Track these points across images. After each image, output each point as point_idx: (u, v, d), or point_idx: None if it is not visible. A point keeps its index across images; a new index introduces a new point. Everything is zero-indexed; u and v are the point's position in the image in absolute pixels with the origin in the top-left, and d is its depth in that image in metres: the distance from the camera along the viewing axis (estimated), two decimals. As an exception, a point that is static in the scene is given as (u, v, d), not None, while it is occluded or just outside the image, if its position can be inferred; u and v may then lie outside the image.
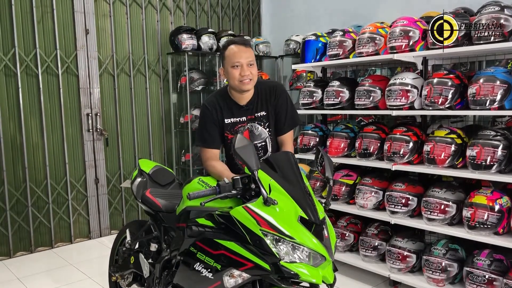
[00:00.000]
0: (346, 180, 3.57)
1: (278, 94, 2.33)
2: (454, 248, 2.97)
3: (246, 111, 2.31)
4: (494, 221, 2.71)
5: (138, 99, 4.94)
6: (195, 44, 4.85)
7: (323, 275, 1.71)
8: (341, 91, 3.54)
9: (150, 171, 2.80)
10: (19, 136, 4.15)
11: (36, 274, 3.77)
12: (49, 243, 4.40)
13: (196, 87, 5.03)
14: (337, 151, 3.56)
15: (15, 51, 4.06)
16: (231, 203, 1.89)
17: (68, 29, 4.37)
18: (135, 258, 2.64)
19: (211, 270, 1.83)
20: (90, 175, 4.60)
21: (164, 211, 2.41)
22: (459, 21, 2.90)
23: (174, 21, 5.15)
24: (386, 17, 3.77)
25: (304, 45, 3.97)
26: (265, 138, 2.34)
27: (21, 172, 4.19)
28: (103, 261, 3.68)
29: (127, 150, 4.90)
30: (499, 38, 2.71)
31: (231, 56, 2.20)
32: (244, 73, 2.18)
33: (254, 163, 1.73)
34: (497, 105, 2.70)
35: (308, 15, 5.21)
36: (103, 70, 4.63)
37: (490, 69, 2.80)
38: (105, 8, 4.62)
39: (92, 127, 4.55)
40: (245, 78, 2.18)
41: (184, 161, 5.19)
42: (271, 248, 1.67)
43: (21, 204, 4.21)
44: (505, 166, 2.74)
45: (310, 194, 1.85)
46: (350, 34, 3.61)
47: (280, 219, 1.70)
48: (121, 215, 4.90)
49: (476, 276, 2.76)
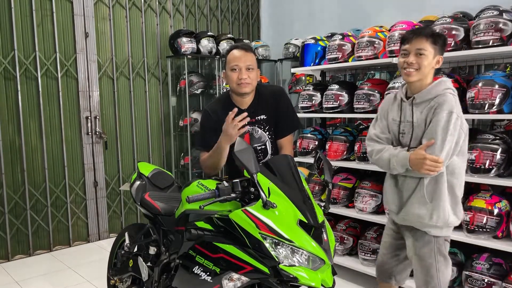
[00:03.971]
0: (345, 184, 3.57)
1: (279, 97, 2.36)
2: (453, 252, 2.97)
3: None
4: (493, 225, 2.71)
5: (138, 102, 4.94)
6: (195, 47, 4.86)
7: (322, 279, 1.71)
8: (340, 94, 3.55)
9: (149, 174, 2.80)
10: (18, 139, 4.15)
11: (35, 278, 3.76)
12: (48, 246, 4.39)
13: (195, 90, 5.04)
14: (336, 154, 3.56)
15: (15, 54, 4.06)
16: (230, 207, 1.89)
17: (67, 32, 4.37)
18: (134, 261, 2.63)
19: (210, 274, 1.82)
20: (89, 178, 4.59)
21: (163, 214, 2.41)
22: (458, 25, 2.91)
23: (173, 25, 5.16)
24: (385, 21, 3.78)
25: (303, 49, 3.98)
26: (265, 141, 2.35)
27: (20, 175, 4.19)
28: (102, 264, 3.67)
29: (126, 153, 4.90)
30: (498, 42, 2.72)
31: (231, 60, 2.27)
32: (242, 76, 2.22)
33: (253, 166, 1.73)
34: (496, 109, 2.71)
35: (307, 18, 5.22)
36: (102, 73, 4.64)
37: (488, 73, 2.81)
38: (104, 11, 4.63)
39: (91, 130, 4.54)
40: (242, 81, 2.22)
41: (183, 164, 5.19)
42: (270, 252, 1.67)
43: (20, 207, 4.20)
44: (504, 170, 2.75)
45: (309, 197, 1.85)
46: (349, 37, 3.62)
47: (279, 222, 1.69)
48: (120, 218, 4.90)
49: (475, 280, 2.76)
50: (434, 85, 2.09)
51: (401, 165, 2.08)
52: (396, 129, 2.19)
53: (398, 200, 2.25)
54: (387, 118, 2.25)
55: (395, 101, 2.24)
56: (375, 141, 2.26)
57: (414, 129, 2.10)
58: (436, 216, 2.11)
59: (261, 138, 2.35)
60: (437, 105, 2.02)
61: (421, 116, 2.08)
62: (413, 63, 2.05)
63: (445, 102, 2.01)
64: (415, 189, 2.14)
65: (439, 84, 2.09)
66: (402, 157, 2.07)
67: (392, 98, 2.28)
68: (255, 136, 2.35)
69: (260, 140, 2.36)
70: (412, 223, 2.20)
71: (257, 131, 2.35)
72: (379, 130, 2.28)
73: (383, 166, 2.20)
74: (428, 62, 2.05)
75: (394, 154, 2.10)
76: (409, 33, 2.12)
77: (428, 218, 2.11)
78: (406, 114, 2.13)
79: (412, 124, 2.11)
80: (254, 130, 2.35)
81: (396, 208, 2.26)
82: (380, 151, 2.18)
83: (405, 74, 2.09)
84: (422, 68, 2.05)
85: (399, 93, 2.23)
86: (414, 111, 2.10)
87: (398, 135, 2.19)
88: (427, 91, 2.09)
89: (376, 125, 2.30)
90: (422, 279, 2.21)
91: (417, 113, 2.10)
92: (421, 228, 2.18)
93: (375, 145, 2.24)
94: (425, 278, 2.20)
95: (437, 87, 2.08)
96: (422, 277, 2.21)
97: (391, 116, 2.23)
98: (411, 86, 2.15)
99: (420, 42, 2.04)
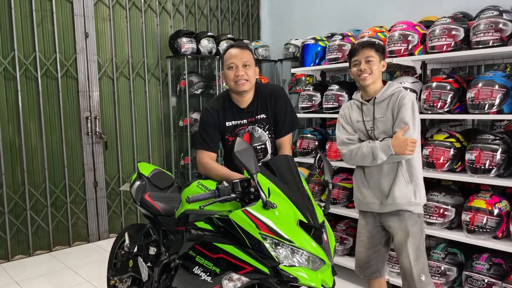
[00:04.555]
0: (345, 184, 3.57)
1: (278, 97, 2.35)
2: (453, 252, 2.97)
3: (247, 113, 2.32)
4: (493, 225, 2.71)
5: (138, 103, 4.94)
6: (195, 47, 4.86)
7: (322, 279, 1.71)
8: (340, 94, 3.55)
9: (149, 174, 2.80)
10: (18, 139, 4.15)
11: (34, 278, 3.76)
12: (48, 246, 4.39)
13: (195, 90, 5.04)
14: (336, 154, 3.56)
15: (15, 54, 4.06)
16: (230, 207, 1.89)
17: (67, 33, 4.38)
18: (134, 261, 2.63)
19: (210, 274, 1.82)
20: (89, 179, 4.59)
21: (163, 214, 2.41)
22: (458, 25, 2.91)
23: (173, 25, 5.16)
24: (385, 21, 3.78)
25: (303, 49, 3.98)
26: (265, 141, 2.35)
27: (20, 175, 4.19)
28: (102, 264, 3.66)
29: (126, 153, 4.90)
30: (498, 43, 2.72)
31: (227, 58, 2.26)
32: (238, 73, 2.21)
33: (253, 166, 1.73)
34: (496, 109, 2.71)
35: (307, 19, 5.22)
36: (102, 73, 4.64)
37: (488, 73, 2.81)
38: (104, 11, 4.63)
39: (91, 131, 4.54)
40: (239, 79, 2.21)
41: (183, 164, 5.19)
42: (270, 252, 1.67)
43: (20, 207, 4.20)
44: (504, 170, 2.75)
45: (309, 197, 1.85)
46: (349, 38, 3.62)
47: (279, 222, 1.69)
48: (120, 218, 4.90)
49: (475, 280, 2.76)
50: (387, 87, 2.44)
51: (383, 152, 2.32)
52: (363, 127, 2.48)
53: (380, 193, 2.44)
54: (351, 122, 2.54)
55: (353, 106, 2.56)
56: (349, 144, 2.50)
57: (378, 124, 2.42)
58: (418, 195, 2.40)
59: (261, 138, 2.35)
60: (400, 97, 2.36)
61: (386, 111, 2.40)
62: (366, 69, 2.38)
63: (406, 95, 2.37)
64: (396, 174, 2.39)
65: (390, 85, 2.44)
66: (384, 145, 2.32)
67: (349, 105, 2.59)
68: (255, 136, 2.34)
69: (260, 139, 2.35)
70: (400, 206, 2.39)
71: (257, 130, 2.34)
72: (347, 134, 2.54)
73: (365, 160, 2.41)
74: (376, 66, 2.40)
75: (374, 146, 2.36)
76: (355, 47, 2.46)
77: (413, 197, 2.39)
78: (369, 113, 2.45)
79: (374, 120, 2.43)
80: (254, 130, 2.34)
81: (379, 201, 2.45)
82: (358, 148, 2.43)
83: (361, 79, 2.41)
84: (373, 71, 2.38)
85: (356, 98, 2.55)
86: (376, 109, 2.43)
87: (367, 132, 2.47)
88: (384, 91, 2.42)
89: (343, 131, 2.57)
90: (414, 255, 2.40)
91: (379, 110, 2.42)
92: (407, 208, 2.39)
93: (350, 146, 2.48)
94: (416, 253, 2.41)
95: (390, 88, 2.43)
96: (413, 254, 2.40)
97: (354, 119, 2.53)
98: (368, 90, 2.45)
99: (366, 51, 2.39)
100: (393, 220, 2.44)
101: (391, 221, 2.46)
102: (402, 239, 2.42)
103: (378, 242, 2.58)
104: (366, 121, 2.46)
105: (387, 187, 2.41)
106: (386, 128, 2.39)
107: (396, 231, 2.45)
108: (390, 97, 2.40)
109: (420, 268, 2.40)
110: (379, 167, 2.42)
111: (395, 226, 2.44)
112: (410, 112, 2.32)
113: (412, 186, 2.39)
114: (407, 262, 2.41)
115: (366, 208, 2.54)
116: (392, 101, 2.38)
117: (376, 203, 2.46)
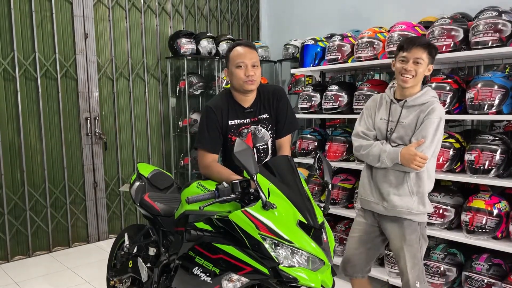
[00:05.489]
0: (344, 184, 3.57)
1: (279, 97, 2.34)
2: (453, 253, 2.97)
3: (250, 113, 2.30)
4: (493, 226, 2.71)
5: (137, 103, 4.94)
6: (194, 48, 4.86)
7: (322, 280, 1.71)
8: (339, 95, 3.55)
9: (148, 175, 2.80)
10: (17, 140, 4.15)
11: (34, 279, 3.76)
12: (47, 247, 4.39)
13: (195, 91, 5.04)
14: (335, 155, 3.57)
15: (14, 55, 4.06)
16: (230, 207, 1.89)
17: (67, 33, 4.37)
18: (134, 262, 2.63)
19: (209, 275, 1.82)
20: (89, 179, 4.59)
21: (162, 215, 2.41)
22: (457, 26, 2.91)
23: (173, 26, 5.16)
24: (385, 22, 3.78)
25: (303, 50, 3.98)
26: (268, 140, 2.34)
27: (19, 176, 4.18)
28: (101, 265, 3.67)
29: (125, 154, 4.90)
30: (497, 43, 2.72)
31: (235, 56, 2.21)
32: (249, 73, 2.18)
33: (253, 167, 1.73)
34: (495, 109, 2.71)
35: (306, 19, 5.23)
36: (102, 74, 4.64)
37: (488, 74, 2.82)
38: (104, 12, 4.63)
39: (91, 131, 4.54)
40: (249, 78, 2.18)
41: (182, 165, 5.19)
42: (270, 252, 1.67)
43: (19, 208, 4.20)
44: (503, 171, 2.75)
45: (309, 198, 1.85)
46: (348, 38, 3.62)
47: (279, 223, 1.69)
48: (119, 219, 4.89)
49: (474, 281, 2.76)
50: (423, 93, 2.33)
51: (390, 159, 2.28)
52: (384, 127, 2.40)
53: (380, 196, 2.41)
54: (374, 117, 2.46)
55: (382, 102, 2.46)
56: (362, 138, 2.45)
57: (399, 128, 2.33)
58: (422, 206, 2.35)
59: (264, 137, 2.33)
60: (430, 110, 2.26)
61: (412, 118, 2.30)
62: (411, 70, 2.25)
63: (436, 109, 2.27)
64: (401, 183, 2.34)
65: (427, 92, 2.34)
66: (393, 152, 2.27)
67: (378, 99, 2.48)
68: (258, 136, 2.31)
69: (263, 139, 2.32)
70: (400, 213, 2.36)
71: (260, 130, 2.31)
72: (365, 127, 2.47)
73: (371, 160, 2.38)
74: (422, 69, 2.27)
75: (384, 149, 2.31)
76: (407, 42, 2.30)
77: (416, 208, 2.34)
78: (395, 113, 2.36)
79: (397, 123, 2.34)
80: (257, 130, 2.31)
81: (376, 199, 2.44)
82: (369, 146, 2.38)
83: (402, 80, 2.29)
84: (418, 75, 2.27)
85: (387, 94, 2.44)
86: (403, 112, 2.33)
87: (386, 132, 2.39)
88: (418, 97, 2.32)
89: (362, 123, 2.49)
90: (410, 262, 2.38)
91: (406, 114, 2.32)
92: (407, 216, 2.36)
93: (363, 141, 2.43)
94: (413, 261, 2.38)
95: (426, 95, 2.32)
96: (409, 261, 2.38)
97: (379, 116, 2.43)
98: (404, 91, 2.34)
99: (418, 51, 2.25)
100: (392, 225, 2.43)
101: (389, 225, 2.44)
102: (398, 245, 2.41)
103: (370, 241, 2.55)
104: (390, 121, 2.37)
105: (387, 193, 2.37)
106: (405, 134, 2.32)
107: (393, 237, 2.43)
108: (421, 105, 2.30)
109: (416, 275, 2.38)
110: (386, 172, 2.38)
111: (393, 231, 2.42)
112: (434, 128, 2.24)
113: (417, 197, 2.34)
114: (403, 268, 2.40)
115: (367, 207, 2.51)
116: (422, 110, 2.28)
117: (378, 203, 2.44)
